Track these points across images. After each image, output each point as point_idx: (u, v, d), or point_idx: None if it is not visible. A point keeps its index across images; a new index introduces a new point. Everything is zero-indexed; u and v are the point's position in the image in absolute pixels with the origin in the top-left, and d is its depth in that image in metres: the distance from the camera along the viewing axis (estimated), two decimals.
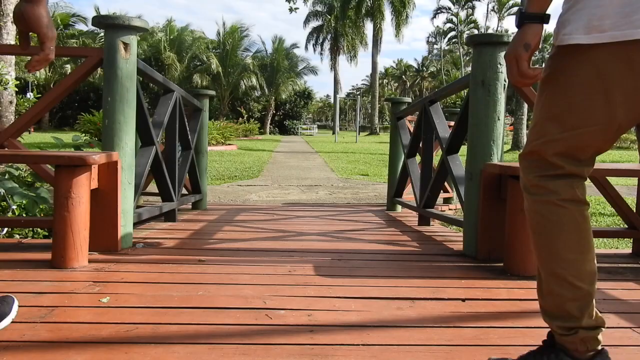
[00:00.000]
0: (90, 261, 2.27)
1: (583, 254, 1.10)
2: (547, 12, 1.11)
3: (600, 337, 1.11)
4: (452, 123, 4.08)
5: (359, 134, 28.38)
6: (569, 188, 1.11)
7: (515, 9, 42.67)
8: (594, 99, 1.03)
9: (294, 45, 39.69)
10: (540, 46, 1.15)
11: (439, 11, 53.09)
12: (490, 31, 47.81)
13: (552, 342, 1.16)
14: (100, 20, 2.59)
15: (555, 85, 1.09)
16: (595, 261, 1.13)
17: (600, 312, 1.05)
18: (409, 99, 5.01)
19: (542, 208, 1.12)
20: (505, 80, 2.58)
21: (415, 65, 72.18)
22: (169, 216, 3.53)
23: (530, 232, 1.18)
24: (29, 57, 1.35)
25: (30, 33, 1.18)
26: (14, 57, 6.59)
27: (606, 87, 1.02)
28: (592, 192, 6.51)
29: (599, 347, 1.11)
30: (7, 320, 1.42)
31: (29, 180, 3.32)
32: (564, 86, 1.07)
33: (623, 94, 1.01)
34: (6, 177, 3.16)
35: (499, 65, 2.56)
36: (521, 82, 1.13)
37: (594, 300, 1.12)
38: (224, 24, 39.31)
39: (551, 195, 1.11)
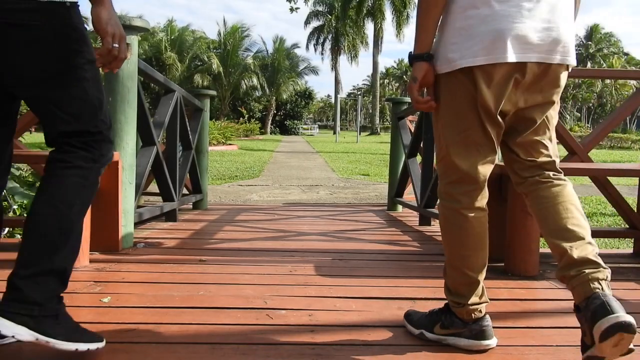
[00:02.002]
0: (91, 261, 2.27)
1: (475, 250, 1.40)
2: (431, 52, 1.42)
3: (483, 309, 1.42)
4: None
5: (359, 134, 28.38)
6: (468, 198, 1.40)
7: None
8: (467, 107, 1.36)
9: (295, 45, 39.72)
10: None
11: None
12: None
13: (449, 308, 1.46)
14: None
15: (443, 102, 1.41)
16: (487, 254, 1.42)
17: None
18: (409, 99, 5.00)
19: (447, 213, 1.43)
20: None
21: None
22: (170, 216, 3.54)
23: (440, 229, 1.49)
24: None
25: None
26: None
27: (470, 97, 1.35)
28: (593, 192, 6.53)
29: (482, 315, 1.42)
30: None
31: (30, 180, 3.33)
32: (448, 102, 1.40)
33: (480, 101, 1.33)
34: None
35: None
36: (417, 107, 1.46)
37: (481, 284, 1.42)
38: (225, 23, 39.22)
39: (455, 204, 1.41)
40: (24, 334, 1.17)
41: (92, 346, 1.29)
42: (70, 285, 1.92)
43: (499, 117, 1.36)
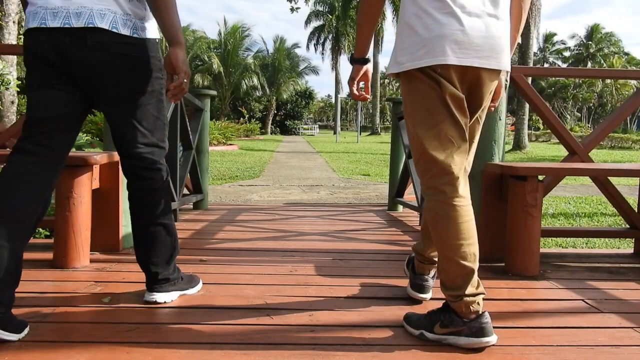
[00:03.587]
0: (91, 261, 2.27)
1: (465, 239, 1.45)
2: (368, 56, 1.69)
3: (481, 302, 1.45)
4: None
5: (360, 134, 28.36)
6: (452, 187, 1.47)
7: None
8: (436, 102, 1.46)
9: (295, 45, 39.68)
10: None
11: None
12: None
13: (447, 306, 1.49)
14: None
15: (410, 102, 1.51)
16: (477, 244, 1.47)
17: (603, 312, 1.07)
18: None
19: (435, 206, 1.49)
20: (506, 80, 2.57)
21: None
22: None
23: (428, 224, 1.53)
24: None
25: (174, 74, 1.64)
26: (15, 57, 6.60)
27: (436, 93, 1.45)
28: (593, 192, 6.52)
29: (481, 311, 1.44)
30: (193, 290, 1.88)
31: None
32: (415, 101, 1.50)
33: (449, 92, 1.45)
34: None
35: None
36: (354, 98, 1.72)
37: (476, 274, 1.46)
38: (225, 23, 39.18)
39: (440, 195, 1.47)
40: (175, 296, 1.79)
41: (200, 285, 1.93)
42: (70, 286, 1.93)
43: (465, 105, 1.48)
